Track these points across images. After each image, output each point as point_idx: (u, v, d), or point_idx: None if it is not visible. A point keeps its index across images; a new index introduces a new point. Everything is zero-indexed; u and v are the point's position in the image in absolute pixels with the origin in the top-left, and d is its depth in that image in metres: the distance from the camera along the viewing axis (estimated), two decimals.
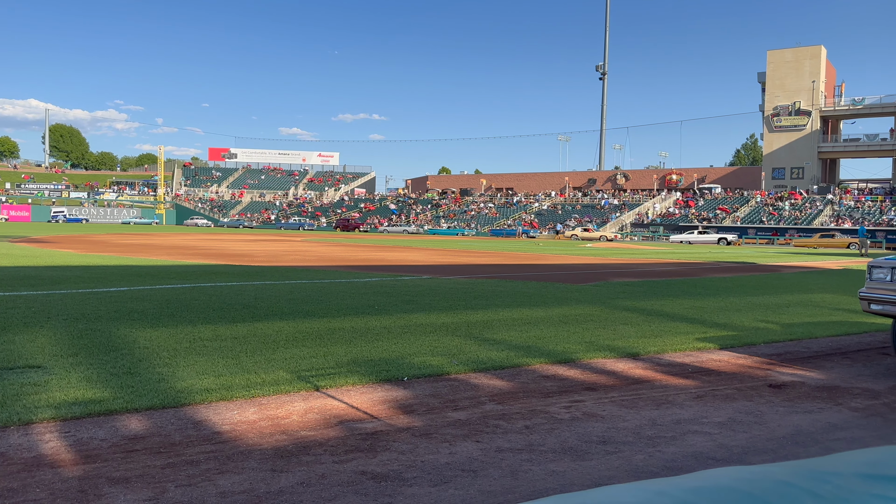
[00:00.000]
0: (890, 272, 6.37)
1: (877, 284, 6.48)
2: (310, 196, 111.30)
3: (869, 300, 6.48)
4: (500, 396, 5.08)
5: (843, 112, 73.08)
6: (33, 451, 3.66)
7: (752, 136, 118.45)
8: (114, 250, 24.72)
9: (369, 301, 10.36)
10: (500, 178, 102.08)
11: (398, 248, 33.69)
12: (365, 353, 6.44)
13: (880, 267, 6.50)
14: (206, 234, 51.17)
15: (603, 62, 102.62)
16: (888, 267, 6.40)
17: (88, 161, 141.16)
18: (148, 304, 9.30)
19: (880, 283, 6.45)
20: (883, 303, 6.36)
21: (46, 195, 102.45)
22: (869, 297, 6.49)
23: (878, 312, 6.42)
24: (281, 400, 4.80)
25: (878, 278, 6.48)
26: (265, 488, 3.24)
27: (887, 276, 6.39)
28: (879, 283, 6.46)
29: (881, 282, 6.45)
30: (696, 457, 3.89)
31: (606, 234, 61.04)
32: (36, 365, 5.54)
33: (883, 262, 6.49)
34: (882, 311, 6.37)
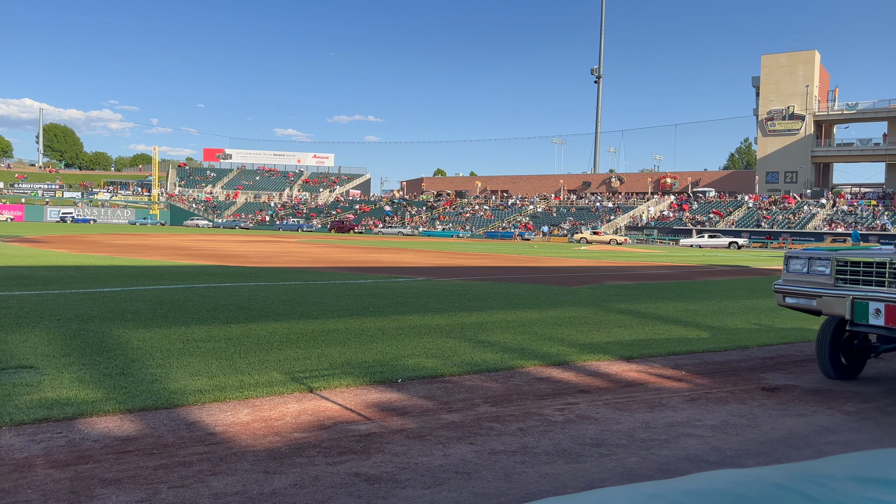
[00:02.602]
0: (807, 263, 5.91)
1: (793, 276, 6.03)
2: (304, 197, 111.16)
3: (784, 293, 6.04)
4: (494, 398, 5.08)
5: (836, 117, 73.44)
6: (25, 451, 3.64)
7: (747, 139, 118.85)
8: (107, 251, 24.63)
9: (363, 303, 10.35)
10: (495, 180, 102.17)
11: (393, 249, 33.67)
12: (359, 354, 6.43)
13: (797, 258, 6.04)
14: (200, 235, 51.04)
15: (598, 65, 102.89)
16: (805, 258, 5.94)
17: (82, 161, 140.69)
18: (141, 305, 9.26)
19: (797, 275, 6.00)
20: (798, 296, 5.90)
21: (40, 195, 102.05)
22: (784, 290, 6.04)
23: (792, 306, 5.97)
24: (274, 401, 4.79)
25: (794, 269, 6.03)
26: (258, 490, 3.23)
27: (804, 267, 5.93)
28: (796, 275, 6.01)
29: (798, 273, 5.99)
30: (690, 459, 3.89)
31: (616, 237, 60.84)
32: (28, 365, 5.51)
33: (800, 253, 6.04)
34: (796, 305, 5.91)
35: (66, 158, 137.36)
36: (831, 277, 5.68)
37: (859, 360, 6.28)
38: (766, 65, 75.04)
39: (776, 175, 74.71)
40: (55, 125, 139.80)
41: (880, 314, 5.22)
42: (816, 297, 5.69)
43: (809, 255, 5.89)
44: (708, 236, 58.28)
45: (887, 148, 71.42)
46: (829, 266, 5.70)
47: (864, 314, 5.32)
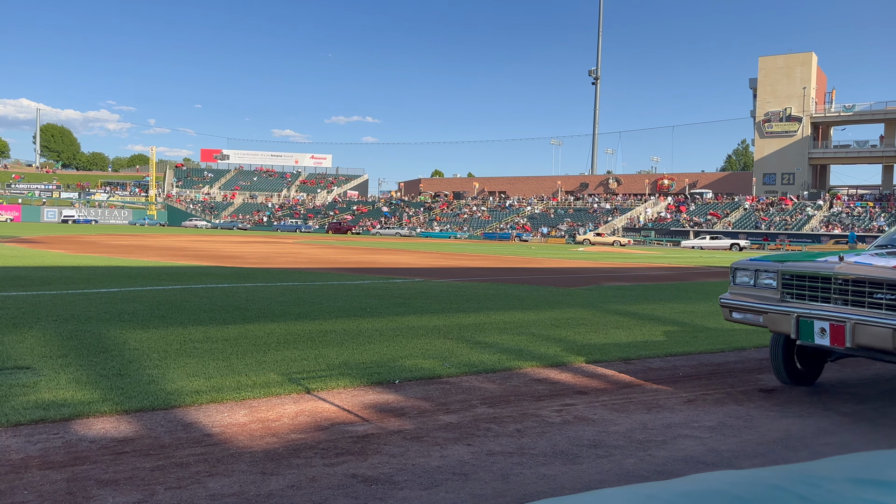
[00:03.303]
0: (754, 275, 5.53)
1: (740, 289, 5.65)
2: (302, 198, 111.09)
3: (731, 308, 5.61)
4: (492, 400, 5.08)
5: (833, 119, 73.57)
6: (21, 452, 3.63)
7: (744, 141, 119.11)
8: (104, 251, 24.59)
9: (361, 303, 10.35)
10: (492, 181, 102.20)
11: (390, 250, 33.66)
12: (356, 355, 6.43)
13: (744, 269, 5.65)
14: (198, 236, 50.98)
15: (596, 67, 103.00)
16: (752, 269, 5.55)
17: (79, 161, 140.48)
18: (138, 306, 9.25)
19: (744, 289, 5.61)
20: (744, 311, 5.48)
21: (37, 195, 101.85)
22: (730, 305, 5.62)
23: (740, 322, 5.57)
24: (271, 402, 4.78)
25: (741, 282, 5.64)
26: (255, 491, 3.22)
27: (751, 280, 5.54)
28: (742, 288, 5.62)
29: (745, 287, 5.60)
30: (687, 461, 3.89)
31: (620, 239, 60.97)
32: (25, 366, 5.50)
33: (747, 264, 5.65)
34: (744, 321, 5.51)
35: (63, 159, 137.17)
36: (777, 291, 5.32)
37: (816, 366, 5.98)
38: (763, 67, 75.16)
39: (773, 177, 74.82)
40: (52, 125, 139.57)
41: (825, 333, 4.86)
42: (763, 312, 5.31)
43: (756, 266, 5.52)
44: (709, 238, 58.42)
45: (884, 150, 71.58)
46: (776, 279, 5.34)
47: (810, 333, 4.96)
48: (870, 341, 4.62)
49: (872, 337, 4.59)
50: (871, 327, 4.60)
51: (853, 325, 4.67)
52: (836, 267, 4.96)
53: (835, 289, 4.93)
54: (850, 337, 4.69)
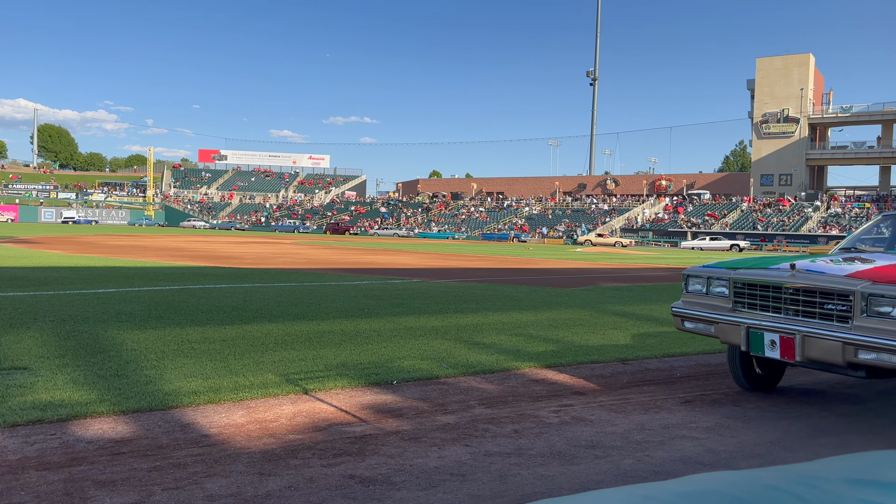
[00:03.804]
0: (706, 283, 5.26)
1: (692, 298, 5.38)
2: (300, 198, 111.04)
3: (682, 317, 5.37)
4: (490, 400, 5.08)
5: (830, 120, 73.69)
6: (18, 453, 3.62)
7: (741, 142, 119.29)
8: (102, 251, 24.56)
9: (359, 304, 10.34)
10: (490, 182, 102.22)
11: (388, 251, 33.65)
12: (354, 356, 6.43)
13: (697, 277, 5.37)
14: (196, 236, 50.93)
15: (594, 68, 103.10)
16: (705, 277, 5.29)
17: (77, 162, 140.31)
18: (136, 306, 9.24)
19: (696, 297, 5.35)
20: (696, 320, 5.23)
21: (34, 195, 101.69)
22: (682, 314, 5.37)
23: (692, 331, 5.33)
24: (269, 403, 4.78)
25: (694, 290, 5.38)
26: (253, 492, 3.22)
27: (703, 287, 5.29)
28: (695, 297, 5.36)
29: (697, 295, 5.34)
30: (685, 461, 3.90)
31: (621, 240, 61.15)
32: (22, 366, 5.49)
33: (700, 271, 5.37)
34: (696, 331, 5.28)
35: (61, 159, 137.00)
36: (729, 301, 5.07)
37: (776, 371, 5.75)
38: (760, 68, 75.27)
39: (771, 177, 74.92)
40: (50, 126, 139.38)
41: (776, 346, 4.61)
42: (714, 322, 5.07)
43: (709, 274, 5.26)
44: (709, 239, 58.56)
45: (881, 151, 71.70)
46: (728, 287, 5.08)
47: (760, 345, 4.72)
48: (820, 355, 4.36)
49: (822, 350, 4.34)
50: (821, 340, 4.35)
51: (803, 337, 4.44)
52: (787, 275, 4.69)
53: (785, 298, 4.68)
54: (799, 350, 4.45)
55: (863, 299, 4.22)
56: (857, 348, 4.17)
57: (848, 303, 4.30)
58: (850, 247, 6.05)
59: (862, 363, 4.21)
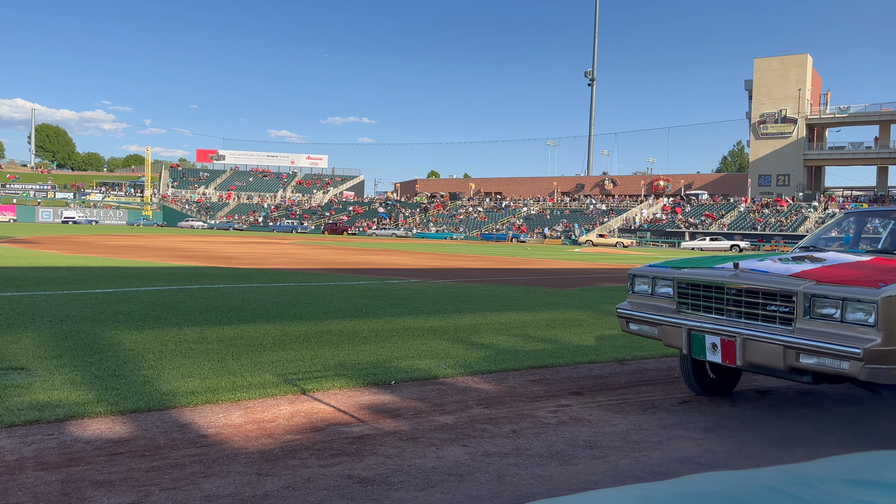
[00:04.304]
0: (651, 283, 5.03)
1: (638, 298, 5.15)
2: (298, 198, 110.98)
3: (627, 318, 5.15)
4: (488, 400, 5.08)
5: (828, 120, 73.81)
6: (16, 453, 3.62)
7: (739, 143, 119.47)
8: (100, 252, 24.53)
9: (357, 304, 10.34)
10: (488, 182, 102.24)
11: (386, 251, 33.65)
12: (352, 356, 6.42)
13: (642, 276, 5.13)
14: (194, 236, 50.89)
15: (592, 68, 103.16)
16: (650, 277, 5.05)
17: (75, 161, 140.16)
18: (133, 306, 9.23)
19: (641, 297, 5.12)
20: (640, 322, 5.00)
21: (32, 195, 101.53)
22: (626, 315, 5.14)
23: (636, 333, 5.11)
24: (267, 403, 4.78)
25: (640, 291, 5.15)
26: (251, 492, 3.22)
27: (649, 288, 5.06)
28: (640, 297, 5.12)
29: (643, 296, 5.11)
30: (683, 461, 3.90)
31: (622, 240, 61.27)
32: (19, 367, 5.48)
33: (645, 271, 5.14)
34: (640, 333, 5.05)
35: (59, 159, 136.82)
36: (673, 301, 4.84)
37: (732, 375, 5.49)
38: (758, 68, 75.35)
39: (768, 178, 75.01)
40: (47, 125, 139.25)
41: (717, 349, 4.36)
42: (657, 324, 4.83)
43: (654, 273, 5.02)
44: (709, 239, 58.70)
45: (878, 151, 71.82)
46: (672, 288, 4.85)
47: (702, 348, 4.48)
48: (761, 359, 4.13)
49: (764, 354, 4.10)
50: (762, 343, 4.11)
51: (744, 340, 4.19)
52: (730, 275, 4.46)
53: (728, 299, 4.44)
54: (740, 354, 4.21)
55: (805, 300, 3.97)
56: (799, 352, 3.93)
57: (791, 304, 4.06)
58: (810, 245, 5.84)
59: (804, 368, 3.97)
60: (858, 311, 3.75)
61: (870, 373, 3.68)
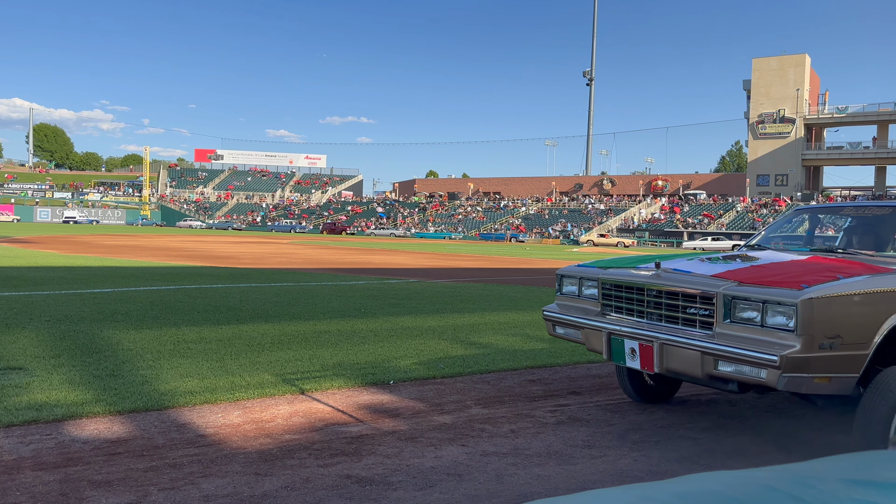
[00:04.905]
0: (578, 284, 4.73)
1: (565, 300, 4.85)
2: (296, 198, 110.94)
3: (553, 321, 4.83)
4: (486, 400, 5.08)
5: (826, 120, 73.88)
6: (14, 453, 3.61)
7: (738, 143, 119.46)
8: (98, 251, 24.51)
9: (355, 304, 10.34)
10: (487, 181, 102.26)
11: (385, 251, 33.64)
12: (351, 356, 6.42)
13: (570, 277, 4.83)
14: (192, 236, 50.85)
15: (590, 68, 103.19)
16: (577, 277, 4.75)
17: (73, 161, 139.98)
18: (132, 306, 9.22)
19: (569, 299, 4.82)
20: (566, 325, 4.69)
21: (30, 195, 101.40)
22: (553, 318, 4.82)
23: (563, 337, 4.81)
24: (265, 403, 4.78)
25: (568, 292, 4.85)
26: (249, 492, 3.22)
27: (576, 289, 4.76)
28: (568, 299, 4.83)
29: (570, 297, 4.81)
30: (682, 461, 3.90)
31: (623, 240, 61.36)
32: (17, 367, 5.47)
33: (573, 271, 4.83)
34: (566, 337, 4.75)
35: (57, 159, 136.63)
36: (598, 303, 4.57)
37: (671, 382, 5.17)
38: (757, 68, 75.41)
39: (767, 178, 75.06)
40: (45, 125, 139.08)
41: (635, 355, 4.07)
42: (581, 328, 4.55)
43: (581, 274, 4.73)
44: (711, 239, 58.84)
45: (877, 151, 71.90)
46: (598, 289, 4.58)
47: (621, 353, 4.19)
48: (679, 366, 3.85)
49: (681, 361, 3.82)
50: (680, 349, 3.81)
51: (661, 345, 3.90)
52: (650, 276, 4.20)
53: (648, 301, 4.17)
54: (658, 360, 3.92)
55: (725, 302, 3.67)
56: (718, 359, 3.61)
57: (711, 307, 3.76)
58: (757, 244, 5.56)
59: (722, 376, 3.67)
60: (779, 315, 3.46)
61: (788, 382, 3.39)
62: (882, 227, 5.10)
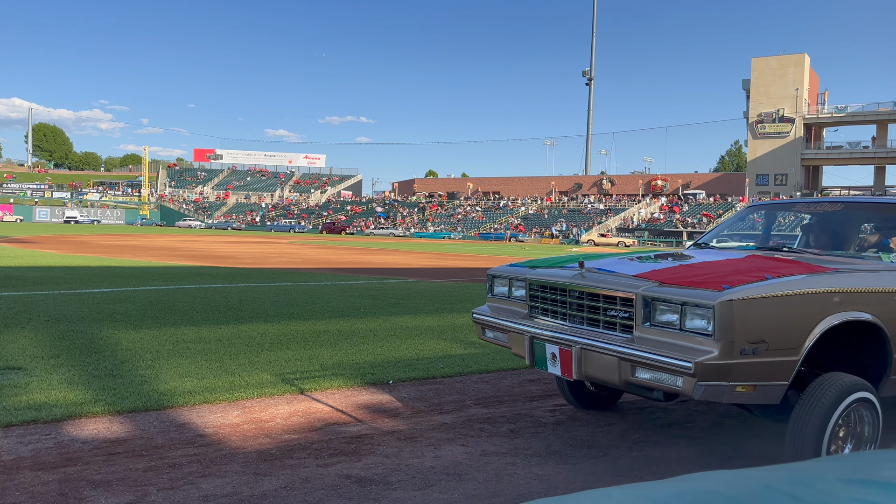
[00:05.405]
0: (508, 285, 4.47)
1: (496, 302, 4.58)
2: (296, 198, 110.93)
3: (482, 324, 4.55)
4: (486, 400, 5.08)
5: (826, 120, 73.91)
6: (13, 453, 3.61)
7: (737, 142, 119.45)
8: (97, 251, 24.50)
9: (355, 304, 10.34)
10: (486, 181, 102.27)
11: (384, 251, 33.64)
12: (350, 356, 6.42)
13: (501, 277, 4.57)
14: (191, 236, 50.84)
15: (589, 68, 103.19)
16: (507, 277, 4.49)
17: (72, 161, 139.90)
18: (131, 306, 9.21)
19: (499, 301, 4.55)
20: (494, 328, 4.41)
21: (29, 195, 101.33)
22: (482, 321, 4.54)
23: (492, 341, 4.50)
24: (265, 403, 4.78)
25: (499, 293, 4.58)
26: (248, 492, 3.21)
27: (507, 290, 4.50)
28: (499, 301, 4.56)
29: (501, 298, 4.54)
30: (681, 461, 3.90)
31: (624, 240, 61.37)
32: (17, 366, 5.47)
33: (504, 271, 4.56)
34: (495, 341, 4.46)
35: (56, 158, 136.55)
36: (526, 305, 4.30)
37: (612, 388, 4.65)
38: (756, 68, 75.43)
39: (766, 177, 75.09)
40: (44, 125, 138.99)
41: (556, 360, 3.82)
42: (507, 331, 4.29)
43: (510, 274, 4.47)
44: None
45: (876, 151, 71.94)
46: (526, 290, 4.31)
47: (543, 359, 3.94)
48: (597, 372, 3.59)
49: (600, 367, 3.56)
50: (598, 354, 3.55)
51: (580, 350, 3.64)
52: (571, 276, 3.93)
53: (571, 303, 3.90)
54: (577, 365, 3.67)
55: (644, 304, 3.41)
56: (635, 365, 3.35)
57: (632, 309, 3.50)
58: (704, 242, 5.31)
59: (640, 383, 3.41)
60: (697, 318, 3.19)
61: (706, 391, 3.13)
62: (835, 225, 4.94)
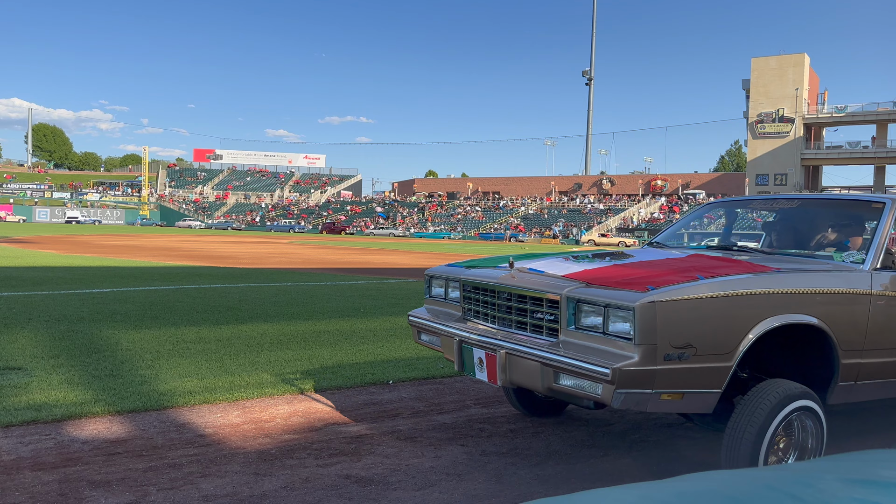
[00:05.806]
0: (445, 286, 4.28)
1: (433, 304, 4.40)
2: (295, 198, 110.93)
3: (419, 328, 4.32)
4: (486, 400, 5.08)
5: (825, 119, 73.90)
6: (13, 453, 3.61)
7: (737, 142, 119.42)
8: (97, 251, 24.49)
9: (354, 304, 10.33)
10: (486, 181, 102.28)
11: (384, 251, 33.64)
12: (350, 356, 6.42)
13: (438, 278, 4.37)
14: (191, 236, 50.84)
15: (589, 68, 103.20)
16: (444, 278, 4.30)
17: (72, 161, 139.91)
18: (131, 306, 9.21)
19: (436, 302, 4.37)
20: (429, 332, 4.18)
21: (29, 195, 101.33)
22: (417, 323, 4.32)
23: (428, 346, 4.29)
24: (265, 403, 4.77)
25: (436, 294, 4.39)
26: (248, 492, 3.21)
27: (443, 291, 4.31)
28: (435, 302, 4.37)
29: (437, 300, 4.36)
30: (682, 461, 3.90)
31: (625, 240, 61.40)
32: (16, 367, 5.47)
33: (442, 271, 4.37)
34: (430, 345, 4.25)
35: (56, 158, 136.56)
36: (461, 307, 4.10)
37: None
38: (756, 68, 75.43)
39: (766, 177, 75.09)
40: (44, 125, 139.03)
41: (483, 366, 3.59)
42: (439, 334, 4.06)
43: (447, 274, 4.27)
44: None
45: (876, 151, 71.95)
46: (460, 291, 4.10)
47: (471, 364, 3.70)
48: (522, 378, 3.38)
49: (523, 373, 3.35)
50: (522, 359, 3.34)
51: (505, 355, 3.42)
52: (501, 276, 3.74)
53: (500, 305, 3.71)
54: (502, 371, 3.44)
55: (569, 306, 3.22)
56: (558, 371, 3.14)
57: (557, 311, 3.31)
58: (658, 242, 5.15)
59: (563, 391, 3.20)
60: (619, 321, 3.00)
61: (626, 399, 2.92)
62: (794, 222, 4.78)
